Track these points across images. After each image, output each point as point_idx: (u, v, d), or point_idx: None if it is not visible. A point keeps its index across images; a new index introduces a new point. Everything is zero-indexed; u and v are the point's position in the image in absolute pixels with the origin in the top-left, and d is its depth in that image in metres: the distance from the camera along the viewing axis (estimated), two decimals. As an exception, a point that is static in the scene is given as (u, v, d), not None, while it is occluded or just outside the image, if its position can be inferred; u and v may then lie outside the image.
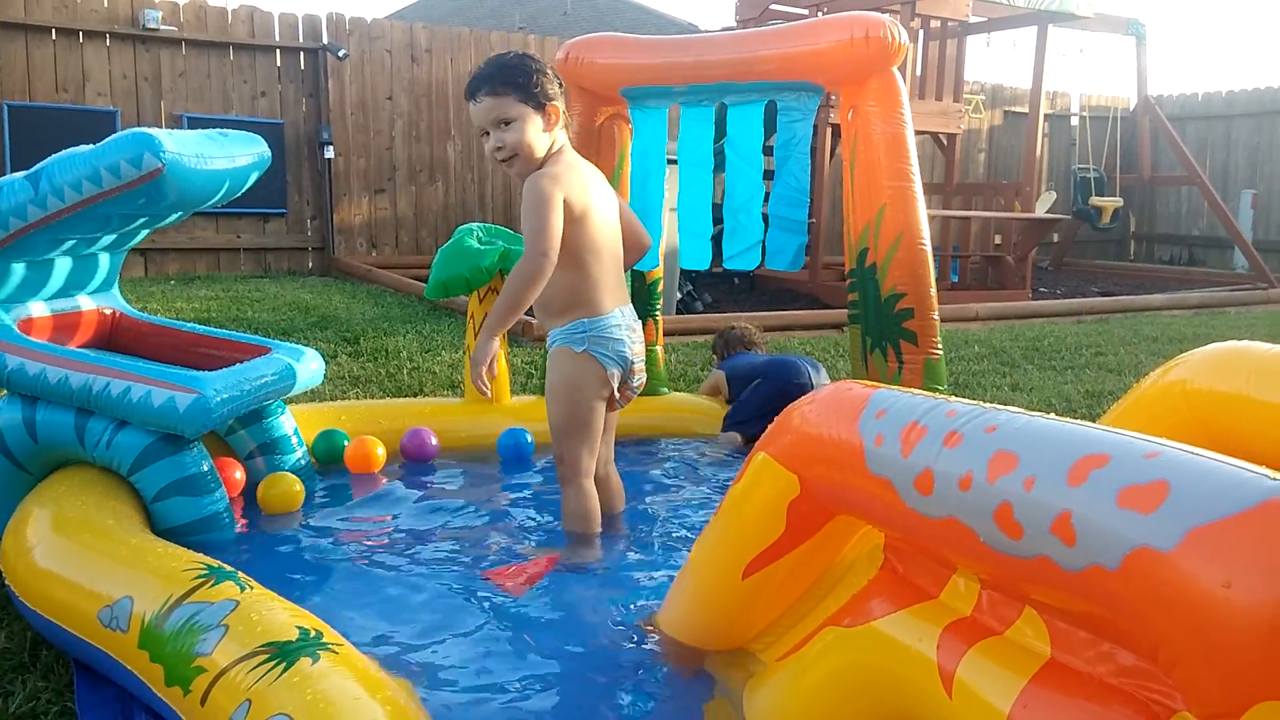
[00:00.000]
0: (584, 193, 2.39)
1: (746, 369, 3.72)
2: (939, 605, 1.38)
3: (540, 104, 2.36)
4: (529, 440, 3.20)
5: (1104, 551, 1.03)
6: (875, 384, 1.53)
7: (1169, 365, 1.88)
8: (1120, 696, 1.10)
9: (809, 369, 3.58)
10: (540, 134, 2.37)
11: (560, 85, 2.44)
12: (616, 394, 2.48)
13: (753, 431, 3.33)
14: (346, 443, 3.07)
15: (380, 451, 3.05)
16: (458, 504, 2.80)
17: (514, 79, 2.35)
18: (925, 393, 1.46)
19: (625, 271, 2.58)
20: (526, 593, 2.19)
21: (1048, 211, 10.47)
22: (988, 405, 1.31)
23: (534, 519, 2.72)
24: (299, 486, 2.69)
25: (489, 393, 2.31)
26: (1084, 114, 12.19)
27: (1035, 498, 1.12)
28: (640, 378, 2.54)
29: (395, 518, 2.68)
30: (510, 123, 2.36)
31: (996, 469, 1.18)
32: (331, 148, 9.38)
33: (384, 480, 2.99)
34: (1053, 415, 1.25)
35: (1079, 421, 1.22)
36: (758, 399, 3.53)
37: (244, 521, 2.60)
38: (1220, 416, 1.77)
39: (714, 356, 4.14)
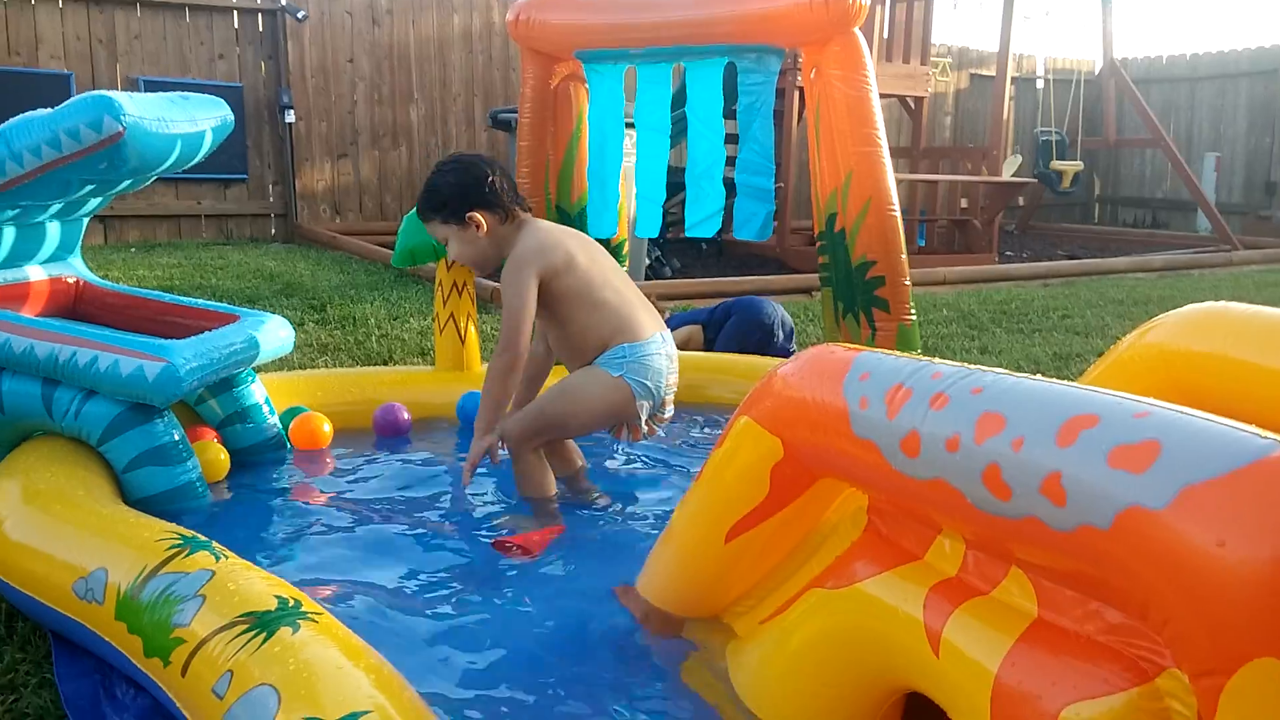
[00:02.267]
0: (560, 248, 2.42)
1: (720, 314, 4.04)
2: (924, 566, 1.39)
3: (460, 220, 2.43)
4: None
5: (1095, 511, 1.03)
6: (858, 347, 1.53)
7: (1145, 327, 1.90)
8: (1108, 654, 1.12)
9: (771, 303, 4.05)
10: (476, 240, 2.45)
11: (490, 178, 2.43)
12: (642, 425, 2.45)
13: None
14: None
15: (327, 429, 2.93)
16: (432, 472, 2.78)
17: (431, 204, 2.47)
18: (909, 355, 1.46)
19: None
20: (509, 566, 2.18)
21: (1014, 175, 10.53)
22: (973, 367, 1.31)
23: (508, 489, 2.71)
24: (224, 456, 2.63)
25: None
26: (1049, 76, 12.24)
27: (1024, 458, 1.12)
28: (670, 409, 2.53)
29: (368, 487, 2.66)
30: (448, 241, 2.50)
31: (984, 430, 1.18)
32: (292, 111, 9.20)
33: (354, 451, 2.95)
34: (1039, 376, 1.26)
35: (1066, 382, 1.23)
36: (737, 332, 3.83)
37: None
38: (1199, 377, 1.80)
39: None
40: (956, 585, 1.33)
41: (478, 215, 2.44)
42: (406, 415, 3.11)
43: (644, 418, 2.45)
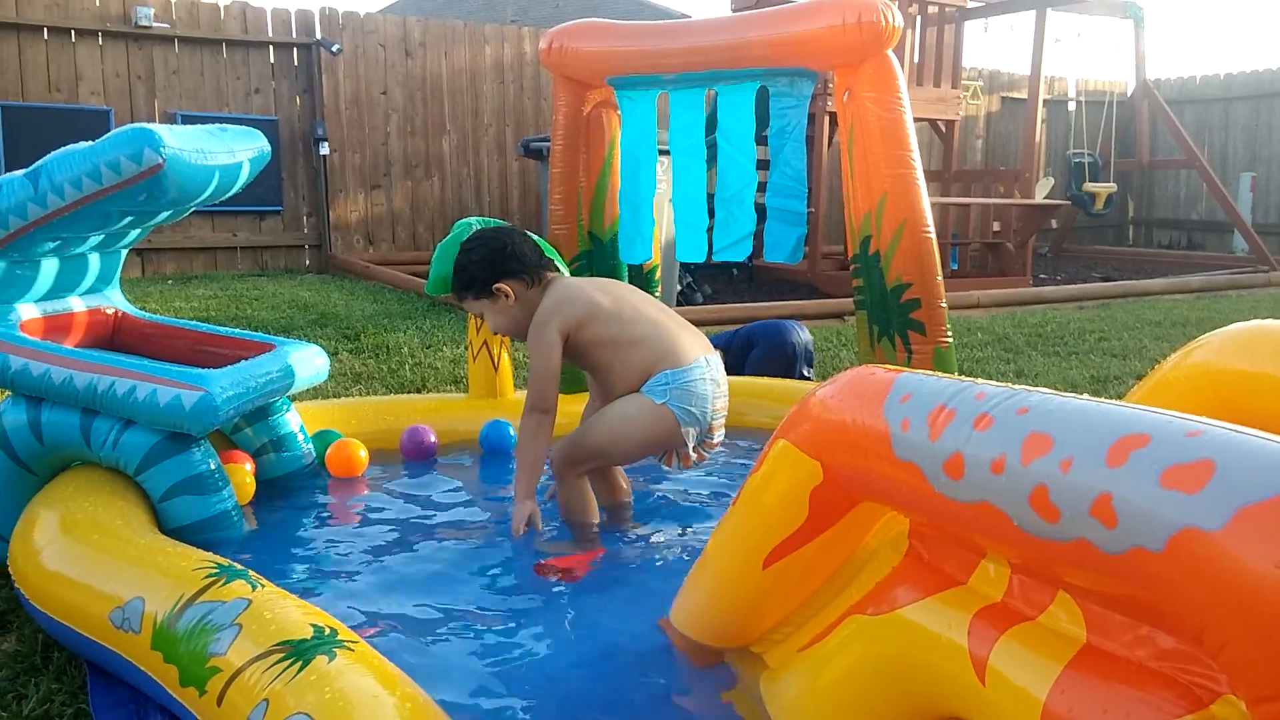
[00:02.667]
0: (577, 299, 2.44)
1: (741, 340, 4.10)
2: (968, 591, 1.35)
3: (489, 293, 2.48)
4: (512, 434, 3.15)
5: (1147, 533, 1.00)
6: (898, 368, 1.50)
7: (1190, 346, 1.86)
8: (1161, 680, 1.08)
9: (795, 327, 4.11)
10: (508, 309, 2.49)
11: (509, 248, 2.49)
12: (690, 452, 2.43)
13: None
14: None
15: (363, 454, 2.94)
16: (464, 499, 2.77)
17: (461, 283, 2.53)
18: (950, 376, 1.43)
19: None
20: (546, 591, 2.16)
21: (1046, 197, 10.45)
22: (1018, 387, 1.28)
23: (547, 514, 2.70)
24: (249, 480, 2.65)
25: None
26: (1081, 98, 12.16)
27: (1073, 480, 1.09)
28: (719, 435, 2.50)
29: (401, 513, 2.65)
30: (483, 315, 2.56)
31: (1031, 451, 1.15)
32: (326, 144, 9.34)
33: (387, 477, 2.96)
34: (1086, 396, 1.23)
35: (1113, 402, 1.20)
36: (760, 362, 3.92)
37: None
38: (1247, 396, 1.75)
39: None
40: (1002, 610, 1.29)
41: (505, 286, 2.47)
42: (433, 438, 3.12)
43: (691, 445, 2.42)
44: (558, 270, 2.61)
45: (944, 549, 1.42)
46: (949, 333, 3.01)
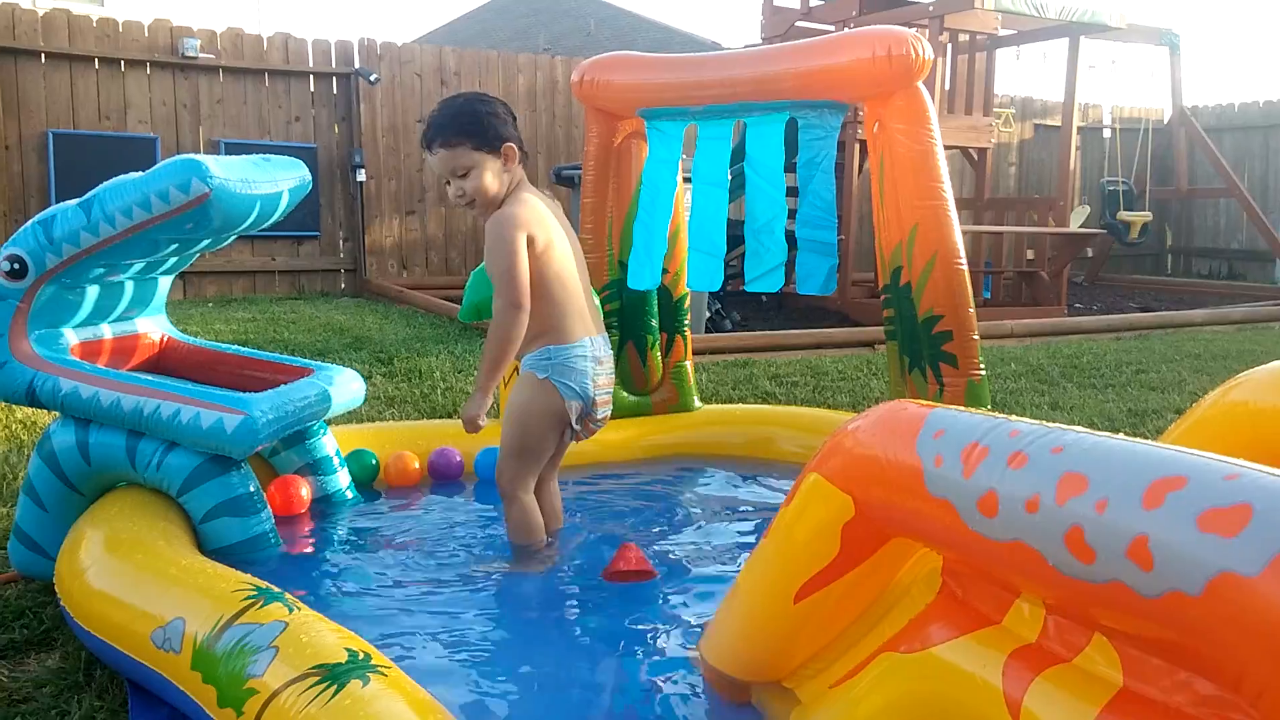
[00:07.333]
0: (544, 227, 2.42)
1: None
2: (1002, 631, 1.35)
3: (495, 147, 2.40)
4: None
5: (1184, 577, 1.00)
6: (931, 403, 1.51)
7: (1230, 384, 1.84)
8: (1200, 726, 1.07)
9: None
10: (500, 175, 2.41)
11: (514, 120, 2.47)
12: (576, 426, 2.48)
13: None
14: (374, 461, 3.08)
15: (417, 465, 3.11)
16: (493, 516, 2.79)
17: (466, 127, 2.38)
18: (984, 412, 1.43)
19: None
20: (575, 619, 2.18)
21: (1082, 226, 10.37)
22: (1052, 425, 1.28)
23: (577, 530, 2.71)
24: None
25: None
26: (1116, 126, 12.09)
27: (1108, 520, 1.09)
28: (605, 411, 2.54)
29: (433, 535, 2.68)
30: (468, 171, 2.39)
31: (1066, 491, 1.15)
32: (363, 170, 9.49)
33: (420, 499, 2.99)
34: (1122, 435, 1.23)
35: (1149, 442, 1.20)
36: None
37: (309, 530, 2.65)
38: (1287, 436, 1.73)
39: None
40: (1037, 651, 1.29)
41: (513, 147, 2.41)
42: (458, 458, 3.17)
43: (574, 418, 2.46)
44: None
45: (978, 587, 1.42)
46: (981, 365, 2.99)
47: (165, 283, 2.86)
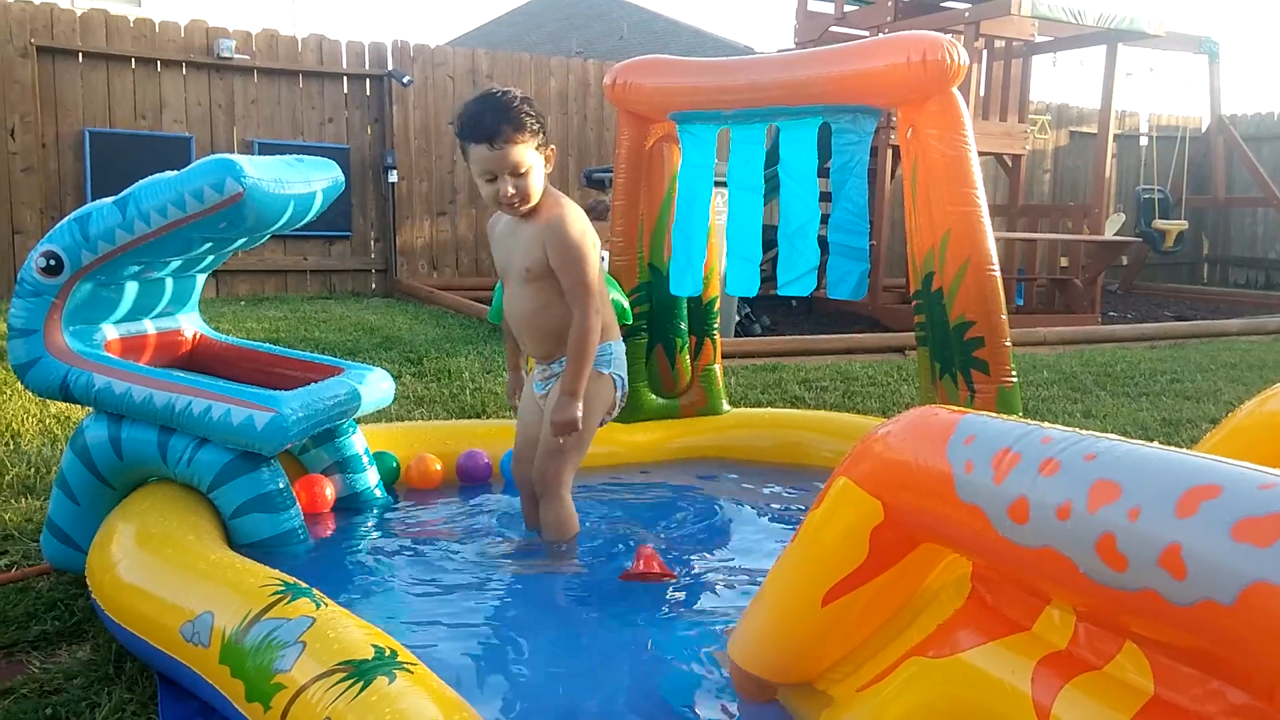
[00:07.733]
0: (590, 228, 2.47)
1: None
2: (1032, 637, 1.33)
3: (547, 145, 2.39)
4: None
5: (1217, 586, 0.98)
6: (962, 409, 1.49)
7: (1267, 394, 1.81)
8: (1233, 738, 1.06)
9: None
10: (543, 175, 2.41)
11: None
12: (610, 417, 2.59)
13: None
14: (395, 464, 3.09)
15: (438, 468, 3.12)
16: (518, 518, 2.80)
17: (529, 125, 2.29)
18: (1015, 418, 1.42)
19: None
20: (599, 619, 2.18)
21: (1117, 233, 10.25)
22: (1084, 432, 1.27)
23: (606, 527, 2.71)
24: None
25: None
26: (1152, 133, 11.94)
27: (1141, 529, 1.08)
28: (619, 406, 2.64)
29: (459, 534, 2.69)
30: (530, 169, 2.33)
31: (1097, 498, 1.14)
32: (395, 172, 9.56)
33: (445, 499, 3.00)
34: (1157, 443, 1.21)
35: (1183, 450, 1.18)
36: None
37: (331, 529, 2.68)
38: (1325, 446, 1.70)
39: None
40: (1067, 658, 1.27)
41: (552, 150, 2.42)
42: (486, 460, 3.18)
43: (616, 410, 2.57)
44: None
45: (1008, 593, 1.41)
46: (1013, 372, 2.96)
47: (201, 280, 2.90)
